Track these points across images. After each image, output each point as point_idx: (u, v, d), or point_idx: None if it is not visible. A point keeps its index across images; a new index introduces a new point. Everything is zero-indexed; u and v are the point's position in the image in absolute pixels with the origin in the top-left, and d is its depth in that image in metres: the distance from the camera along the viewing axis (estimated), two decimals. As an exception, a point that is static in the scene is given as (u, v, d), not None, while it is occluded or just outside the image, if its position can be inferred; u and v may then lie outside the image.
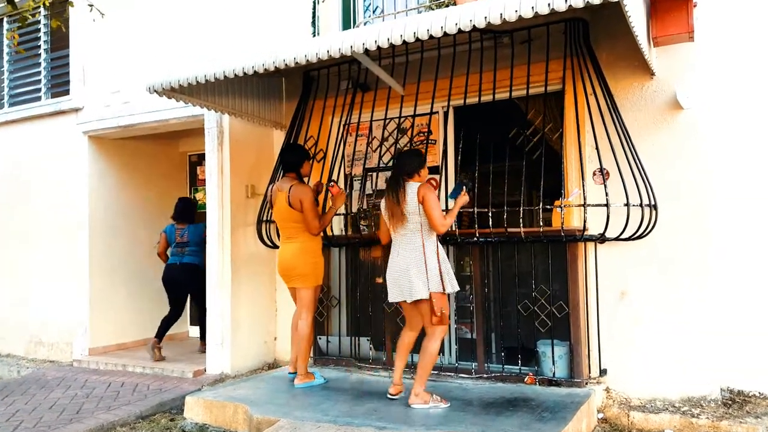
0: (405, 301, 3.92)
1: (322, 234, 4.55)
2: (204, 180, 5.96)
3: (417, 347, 4.03)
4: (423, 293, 3.80)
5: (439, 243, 3.95)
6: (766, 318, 4.00)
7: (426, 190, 3.84)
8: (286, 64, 3.78)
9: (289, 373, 4.67)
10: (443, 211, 3.96)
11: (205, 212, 5.70)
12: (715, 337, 4.10)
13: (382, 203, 4.00)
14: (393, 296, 3.98)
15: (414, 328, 4.03)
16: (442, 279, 3.82)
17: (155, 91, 4.39)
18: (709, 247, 4.16)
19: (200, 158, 7.08)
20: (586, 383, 4.26)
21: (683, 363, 4.18)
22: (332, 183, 4.54)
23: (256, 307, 5.72)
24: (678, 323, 4.21)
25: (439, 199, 4.03)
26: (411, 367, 4.35)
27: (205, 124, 5.60)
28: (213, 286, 5.49)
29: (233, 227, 5.50)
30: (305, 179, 4.64)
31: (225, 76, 4.00)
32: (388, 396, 4.05)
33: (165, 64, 5.59)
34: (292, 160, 4.55)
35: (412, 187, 3.86)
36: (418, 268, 3.81)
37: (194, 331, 7.21)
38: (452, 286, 3.91)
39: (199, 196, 7.30)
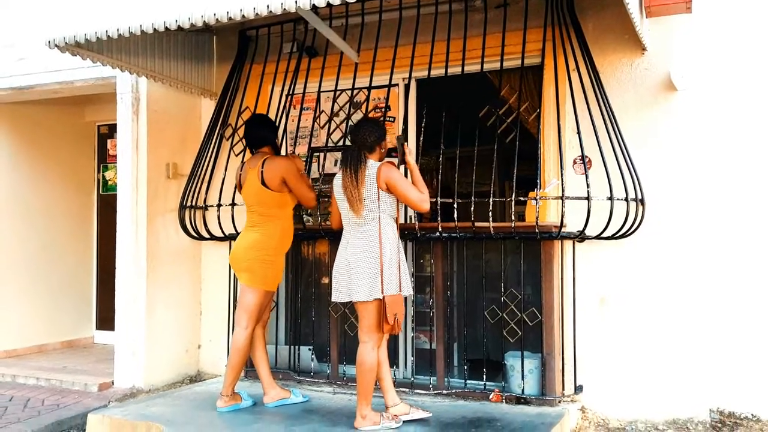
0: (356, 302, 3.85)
1: (291, 234, 4.38)
2: (115, 156, 5.78)
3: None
4: (369, 294, 3.73)
5: (398, 237, 3.91)
6: (761, 332, 4.11)
7: (388, 172, 3.76)
8: (217, 20, 3.64)
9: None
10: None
11: (115, 195, 5.51)
12: (705, 352, 4.19)
13: (337, 181, 3.91)
14: (337, 295, 3.91)
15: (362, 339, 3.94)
16: (400, 279, 3.78)
17: (57, 46, 4.21)
18: (701, 249, 4.24)
19: (111, 130, 6.89)
20: (559, 401, 4.30)
21: (669, 380, 4.26)
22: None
23: (177, 309, 5.60)
24: (664, 335, 4.29)
25: None
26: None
27: (117, 88, 5.42)
28: (124, 285, 5.35)
29: (150, 214, 5.35)
30: None
31: (142, 31, 3.83)
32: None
33: (71, 13, 5.37)
34: (265, 133, 4.36)
35: (371, 168, 3.78)
36: (371, 263, 3.74)
37: (102, 336, 7.04)
38: (408, 288, 3.88)
39: (109, 174, 7.10)
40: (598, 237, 4.23)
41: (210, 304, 5.73)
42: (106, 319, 6.86)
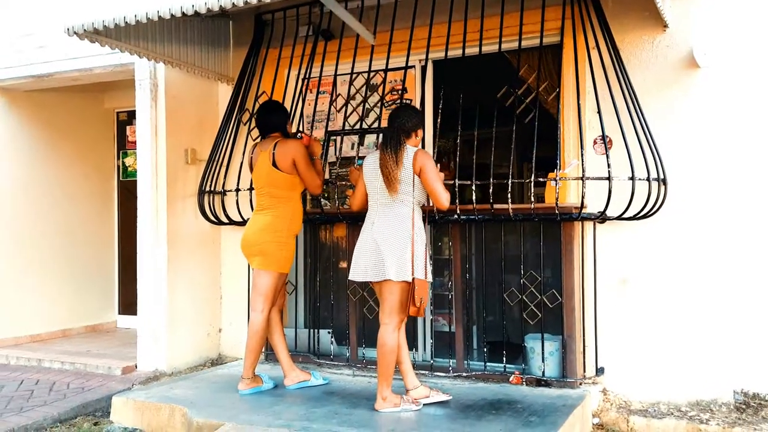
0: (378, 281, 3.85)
1: (301, 215, 4.44)
2: (135, 142, 5.81)
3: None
4: (398, 274, 3.73)
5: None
6: (786, 312, 4.05)
7: (425, 158, 3.79)
8: (233, 4, 3.64)
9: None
10: None
11: (135, 181, 5.54)
12: (728, 333, 4.14)
13: (371, 161, 3.93)
14: (355, 274, 3.91)
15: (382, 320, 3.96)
16: (426, 264, 3.81)
17: (75, 33, 4.23)
18: (724, 229, 4.18)
19: (130, 116, 6.94)
20: (580, 383, 4.29)
21: (692, 361, 4.22)
22: (299, 134, 4.45)
23: (198, 293, 5.64)
24: (687, 316, 4.24)
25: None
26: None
27: (135, 74, 5.44)
28: (145, 270, 5.39)
29: (170, 199, 5.38)
30: None
31: (160, 17, 3.85)
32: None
33: (89, 0, 5.40)
34: (276, 120, 4.41)
35: (408, 151, 3.81)
36: (402, 244, 3.74)
37: (125, 321, 7.13)
38: (430, 274, 3.90)
39: (129, 161, 7.15)
40: (619, 218, 4.19)
41: (230, 287, 5.77)
42: (128, 303, 6.95)
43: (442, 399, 3.99)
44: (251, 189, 4.85)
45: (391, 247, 3.75)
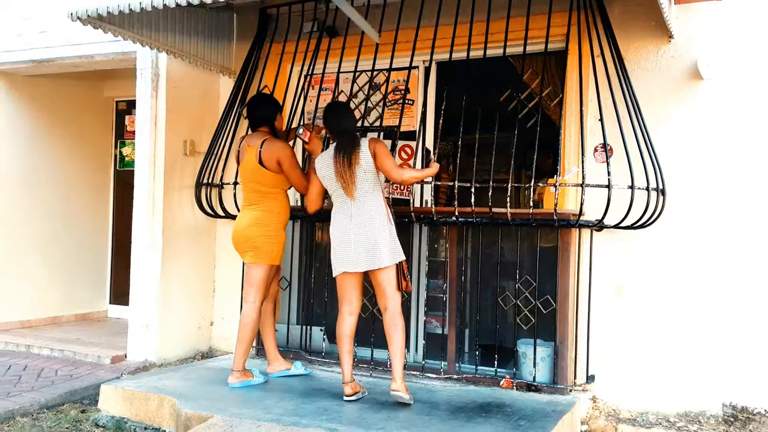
0: (355, 272, 3.99)
1: (289, 209, 4.49)
2: (134, 132, 5.81)
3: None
4: (392, 258, 3.92)
5: None
6: (777, 327, 4.08)
7: (377, 143, 3.98)
8: (239, -4, 3.67)
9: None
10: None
11: (131, 171, 5.54)
12: (720, 347, 4.17)
13: (325, 161, 4.02)
14: (353, 265, 3.96)
15: (354, 311, 4.08)
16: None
17: (79, 18, 4.23)
18: (721, 243, 4.20)
19: (130, 106, 6.94)
20: (570, 390, 4.31)
21: (682, 373, 4.24)
22: (301, 129, 4.46)
23: (191, 286, 5.65)
24: (679, 327, 4.26)
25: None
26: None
27: (137, 63, 5.45)
28: (139, 260, 5.40)
29: (167, 190, 5.39)
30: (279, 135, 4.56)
31: (165, 5, 3.85)
32: (345, 398, 4.01)
33: (92, -13, 5.40)
34: (265, 114, 4.45)
35: (363, 144, 3.96)
36: (387, 230, 3.92)
37: (116, 311, 7.12)
38: None
39: (126, 150, 7.14)
40: (616, 226, 4.21)
41: (223, 281, 5.77)
42: (120, 293, 6.95)
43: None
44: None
45: (380, 234, 3.90)
